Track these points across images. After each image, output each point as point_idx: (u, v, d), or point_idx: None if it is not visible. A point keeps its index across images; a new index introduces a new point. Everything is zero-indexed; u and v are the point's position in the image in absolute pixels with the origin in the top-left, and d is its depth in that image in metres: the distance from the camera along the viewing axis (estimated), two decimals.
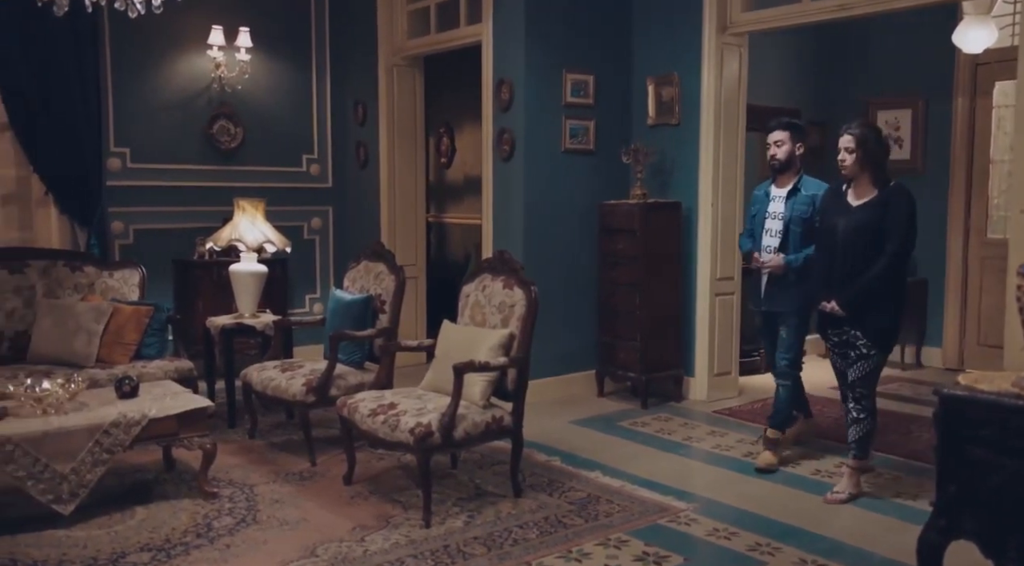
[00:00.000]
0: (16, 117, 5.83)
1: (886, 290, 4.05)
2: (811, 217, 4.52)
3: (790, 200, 4.66)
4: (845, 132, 4.09)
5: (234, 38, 6.54)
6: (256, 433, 5.13)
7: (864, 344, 4.09)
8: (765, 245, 4.73)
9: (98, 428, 3.83)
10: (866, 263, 4.00)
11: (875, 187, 4.06)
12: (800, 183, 4.67)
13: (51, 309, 5.03)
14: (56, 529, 3.73)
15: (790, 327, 4.67)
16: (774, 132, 4.69)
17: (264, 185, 6.82)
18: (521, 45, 5.75)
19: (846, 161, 4.06)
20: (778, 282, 4.66)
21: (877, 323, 4.08)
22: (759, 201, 4.84)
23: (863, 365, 4.12)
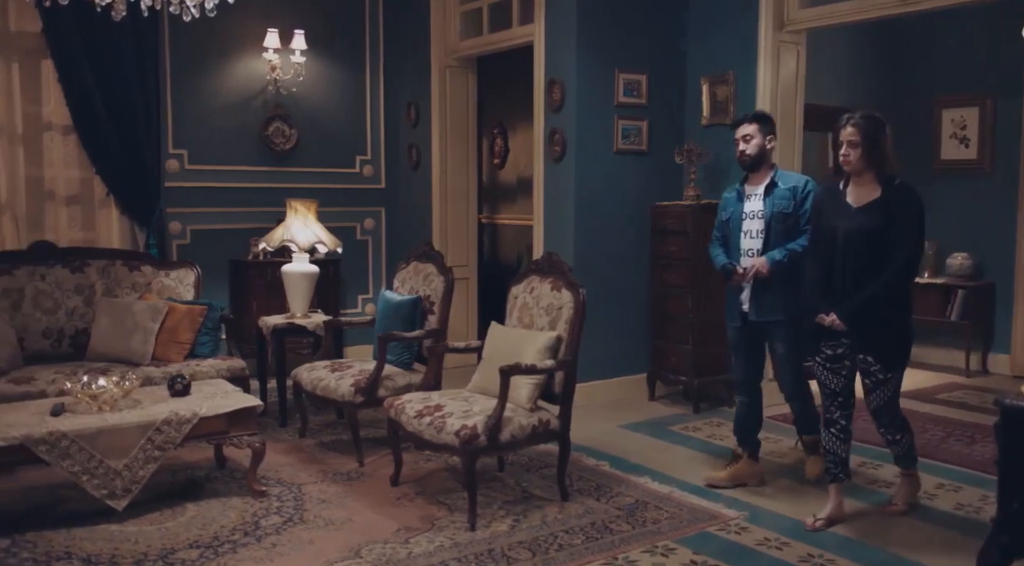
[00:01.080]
0: (80, 120, 5.98)
1: (894, 304, 3.67)
2: (794, 212, 4.17)
3: (769, 196, 4.25)
4: (847, 123, 3.66)
5: (289, 40, 6.61)
6: (306, 432, 5.17)
7: (879, 370, 3.73)
8: (747, 248, 4.28)
9: (150, 425, 3.89)
10: (871, 272, 3.61)
11: (879, 186, 3.66)
12: (776, 177, 4.28)
13: (109, 307, 5.14)
14: (110, 524, 3.80)
15: (788, 341, 4.24)
16: (741, 126, 4.27)
17: (318, 186, 6.88)
18: (572, 45, 5.70)
19: (849, 156, 3.65)
20: (766, 287, 4.19)
21: (890, 345, 3.71)
22: (731, 204, 4.37)
23: (883, 392, 3.77)
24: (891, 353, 3.72)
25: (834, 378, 3.81)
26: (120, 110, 6.05)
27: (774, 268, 4.14)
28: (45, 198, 6.05)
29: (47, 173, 6.04)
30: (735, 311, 4.32)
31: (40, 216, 6.02)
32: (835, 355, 3.78)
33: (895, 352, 3.74)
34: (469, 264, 7.39)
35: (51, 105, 6.01)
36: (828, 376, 3.82)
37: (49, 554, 3.52)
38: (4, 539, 3.66)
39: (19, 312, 5.05)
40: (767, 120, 4.30)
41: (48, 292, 5.16)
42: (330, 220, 6.47)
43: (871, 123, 3.63)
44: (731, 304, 4.37)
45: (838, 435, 3.85)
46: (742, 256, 4.28)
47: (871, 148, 3.61)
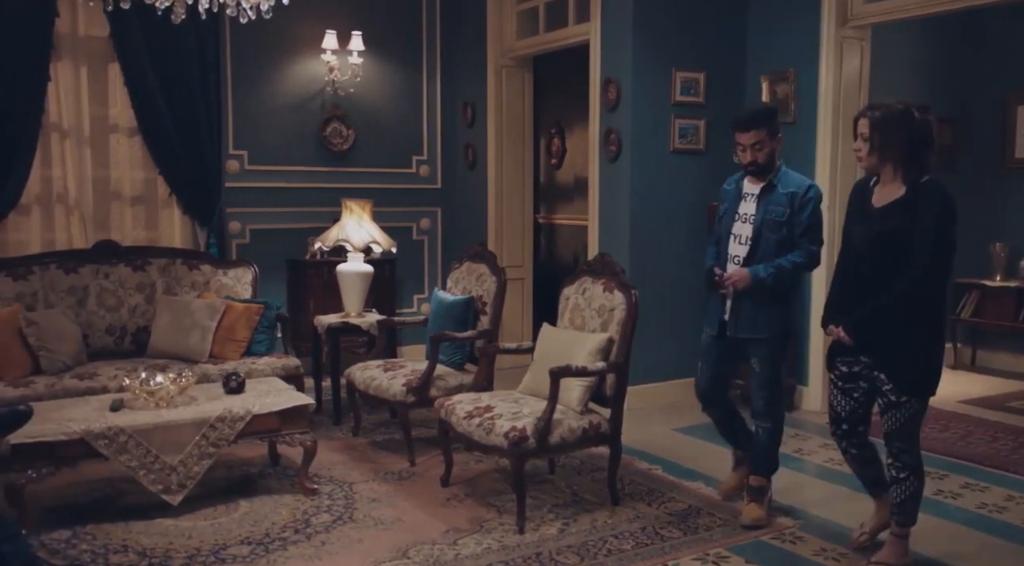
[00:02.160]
0: (145, 122, 6.11)
1: (914, 318, 3.21)
2: (788, 220, 3.71)
3: (764, 199, 3.76)
4: (861, 115, 3.33)
5: (347, 42, 6.67)
6: (359, 431, 5.21)
7: (892, 390, 3.26)
8: (732, 255, 3.81)
9: (204, 422, 3.95)
10: (888, 281, 3.22)
11: (904, 184, 3.25)
12: (777, 178, 3.78)
13: (169, 305, 5.24)
14: (165, 518, 3.87)
15: (763, 358, 3.81)
16: (747, 132, 3.72)
17: (374, 186, 6.92)
18: (628, 43, 5.63)
19: (861, 151, 3.30)
20: (749, 302, 3.75)
21: (906, 364, 3.25)
22: (728, 198, 3.93)
23: (895, 416, 3.29)
24: (906, 374, 3.25)
25: (843, 400, 3.44)
26: (183, 112, 6.17)
27: (755, 286, 3.69)
28: (111, 198, 6.20)
29: (113, 174, 6.19)
30: (714, 318, 3.93)
31: (106, 216, 6.17)
32: (849, 373, 3.41)
33: (912, 374, 3.26)
34: (524, 264, 7.37)
35: (117, 107, 6.15)
36: (838, 397, 3.46)
37: (107, 547, 3.60)
38: (65, 530, 3.75)
39: (84, 309, 5.19)
40: (773, 119, 3.80)
41: (111, 290, 5.29)
42: (386, 220, 6.51)
43: (885, 115, 3.24)
44: (711, 310, 3.97)
45: (856, 461, 3.54)
46: (728, 262, 3.84)
47: (884, 142, 3.23)
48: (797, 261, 3.70)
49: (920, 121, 3.24)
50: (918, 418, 3.32)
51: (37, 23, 5.70)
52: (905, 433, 3.31)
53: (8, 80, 5.61)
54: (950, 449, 4.91)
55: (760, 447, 3.96)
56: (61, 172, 5.98)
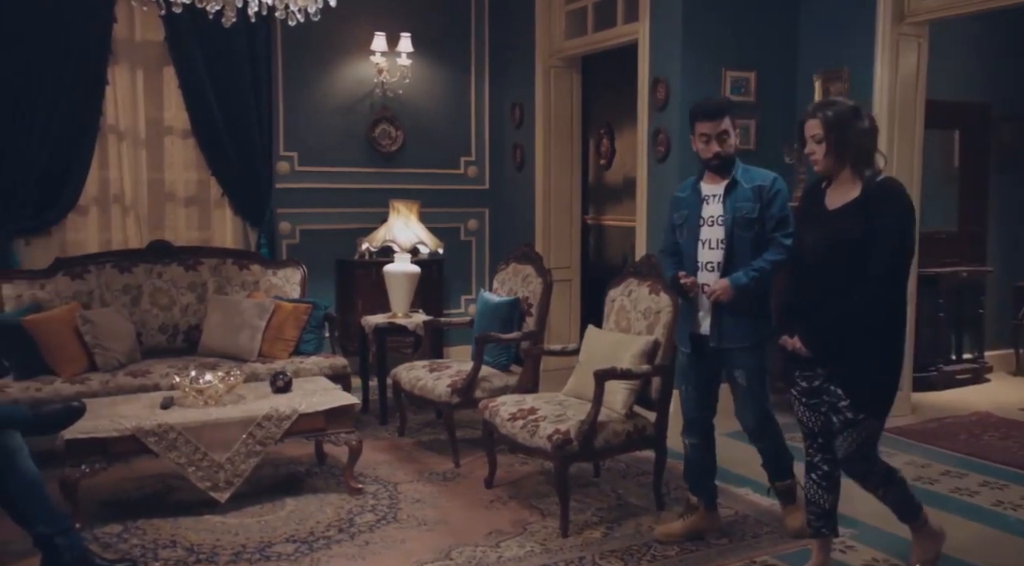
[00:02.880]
0: (198, 124, 6.22)
1: (870, 331, 3.00)
2: (759, 216, 3.49)
3: (729, 197, 3.55)
4: (809, 116, 3.06)
5: (396, 43, 6.70)
6: (405, 431, 5.23)
7: (847, 407, 3.05)
8: (705, 261, 3.59)
9: (251, 421, 4.00)
10: (843, 289, 3.00)
11: (859, 185, 3.03)
12: (739, 174, 3.57)
13: (220, 305, 5.32)
14: (213, 515, 3.93)
15: (751, 370, 3.56)
16: (711, 120, 3.51)
17: (422, 187, 6.95)
18: (678, 42, 5.57)
19: (816, 154, 3.05)
20: (730, 311, 3.51)
21: (863, 378, 3.04)
22: (686, 205, 3.68)
23: (852, 437, 3.07)
24: (863, 389, 3.05)
25: (811, 415, 3.22)
26: (234, 114, 6.26)
27: (738, 295, 3.47)
28: (165, 199, 6.32)
29: (167, 175, 6.31)
30: (686, 333, 3.67)
31: (160, 216, 6.29)
32: (811, 388, 3.18)
33: (868, 389, 3.05)
34: (572, 266, 7.34)
35: (172, 110, 6.27)
36: (805, 413, 3.24)
37: (156, 542, 3.66)
38: (117, 525, 3.83)
39: (138, 308, 5.29)
40: (733, 110, 3.65)
41: (164, 289, 5.39)
42: (434, 220, 6.54)
43: (838, 112, 3.02)
44: (683, 324, 3.71)
45: (819, 482, 3.26)
46: (701, 270, 3.60)
47: (840, 141, 3.00)
48: (775, 259, 3.47)
49: (868, 117, 3.08)
50: (874, 438, 3.12)
51: (96, 29, 5.83)
52: (861, 456, 3.12)
53: (68, 84, 5.75)
54: (1011, 459, 4.75)
55: (768, 456, 3.79)
56: (118, 173, 6.12)
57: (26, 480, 3.18)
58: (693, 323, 3.63)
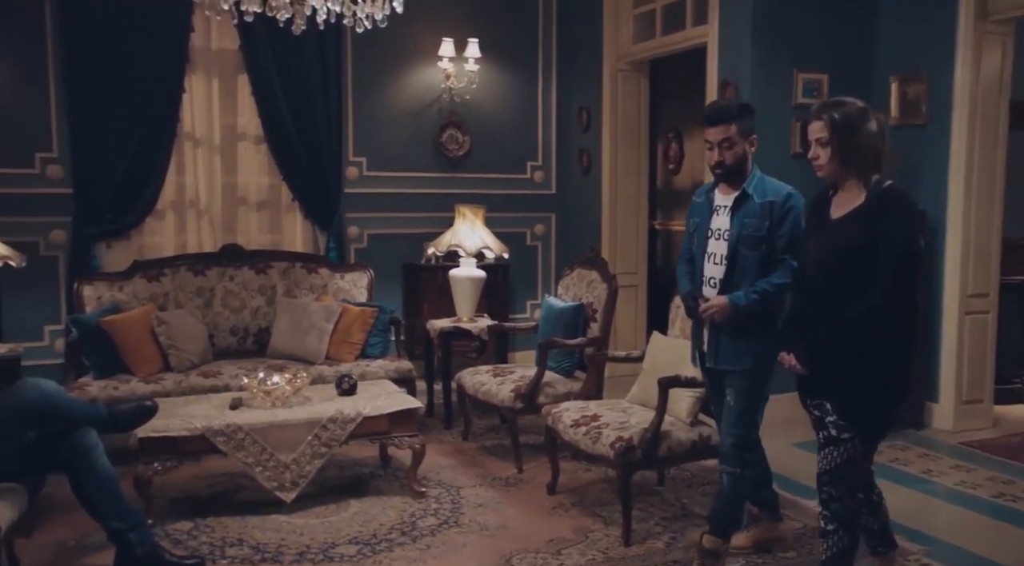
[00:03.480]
0: (270, 131, 6.35)
1: (870, 346, 2.78)
2: (768, 235, 3.21)
3: (738, 211, 3.27)
4: (814, 117, 2.85)
5: (463, 49, 6.74)
6: (469, 436, 5.24)
7: (834, 423, 2.83)
8: (709, 276, 3.33)
9: (317, 423, 4.05)
10: (844, 303, 2.79)
11: (864, 192, 2.82)
12: (752, 186, 3.28)
13: (289, 308, 5.42)
14: (279, 515, 3.99)
15: (739, 391, 3.30)
16: (715, 126, 3.24)
17: (489, 192, 6.97)
18: (747, 44, 5.47)
19: (820, 158, 2.83)
20: (726, 330, 3.28)
21: (854, 395, 2.81)
22: (698, 212, 3.43)
23: (832, 453, 2.85)
24: (853, 404, 2.82)
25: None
26: (305, 120, 6.38)
27: (735, 316, 3.22)
28: (238, 203, 6.47)
29: (240, 180, 6.46)
30: (695, 350, 3.49)
31: (233, 220, 6.44)
32: (823, 419, 2.93)
33: (859, 405, 2.82)
34: (638, 271, 7.27)
35: (245, 117, 6.41)
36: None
37: (224, 540, 3.74)
38: (188, 522, 3.92)
39: (210, 310, 5.42)
40: (747, 115, 3.30)
41: (236, 292, 5.51)
42: (501, 225, 6.56)
43: (845, 114, 2.79)
44: (694, 340, 3.48)
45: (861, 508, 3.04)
46: (704, 285, 3.36)
47: (846, 145, 2.77)
48: (781, 282, 3.18)
49: (878, 119, 2.85)
50: (859, 463, 2.87)
51: (174, 38, 6.01)
52: (839, 477, 2.86)
53: (148, 93, 5.94)
54: None
55: (721, 498, 3.41)
56: (193, 179, 6.28)
57: (101, 477, 3.27)
58: (699, 340, 3.42)
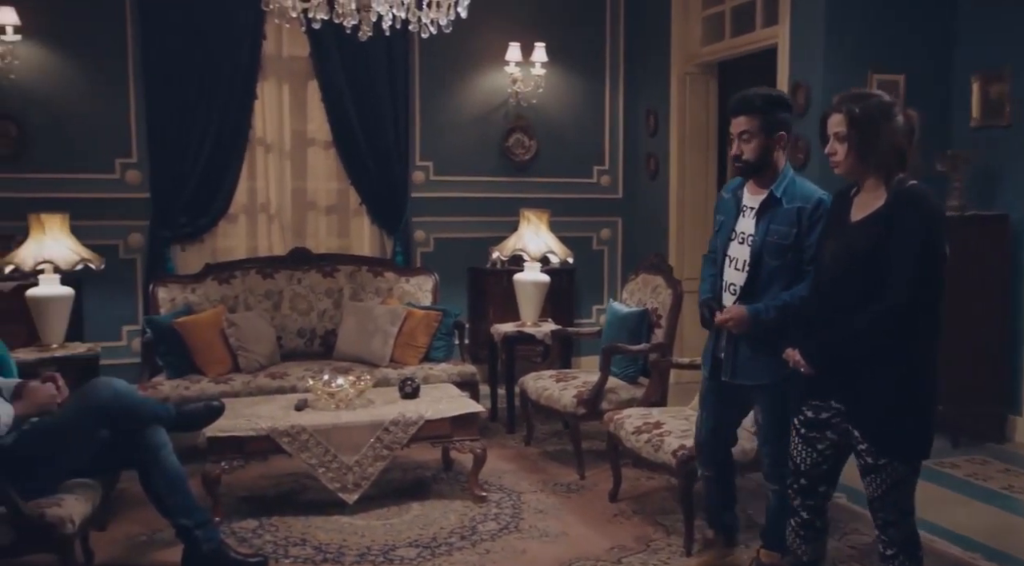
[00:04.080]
0: (339, 136, 6.45)
1: (888, 359, 2.59)
2: (795, 243, 2.99)
3: (765, 216, 3.06)
4: (834, 109, 2.65)
5: (530, 53, 6.74)
6: (532, 440, 5.22)
7: (866, 451, 2.63)
8: (729, 282, 3.15)
9: (379, 425, 4.09)
10: (857, 311, 2.62)
11: (886, 193, 2.62)
12: (782, 188, 3.05)
13: (355, 311, 5.49)
14: (342, 515, 4.03)
15: (765, 408, 3.14)
16: (735, 118, 3.06)
17: (555, 196, 6.95)
18: (820, 45, 5.35)
19: (837, 154, 2.65)
20: (748, 343, 3.08)
21: (886, 420, 2.60)
22: (725, 209, 3.23)
23: (876, 481, 2.64)
24: (886, 432, 2.61)
25: (805, 450, 2.81)
26: (373, 125, 6.46)
27: (755, 329, 3.02)
28: (307, 208, 6.59)
29: (310, 185, 6.58)
30: (708, 356, 3.29)
31: (303, 224, 6.56)
32: (815, 420, 2.77)
33: (893, 432, 2.61)
34: None
35: (315, 122, 6.53)
36: (799, 445, 2.82)
37: (288, 539, 3.79)
38: (253, 520, 3.99)
39: (279, 312, 5.52)
40: (774, 108, 3.05)
41: (303, 295, 5.61)
42: (566, 229, 6.54)
43: (867, 108, 2.59)
44: (706, 346, 3.32)
45: (797, 530, 2.88)
46: (723, 291, 3.17)
47: (865, 141, 2.59)
48: (806, 295, 2.95)
49: (904, 114, 2.64)
50: (908, 484, 2.67)
51: (247, 46, 6.15)
52: (890, 502, 2.66)
53: (222, 100, 6.10)
54: None
55: (771, 514, 3.27)
56: (264, 183, 6.42)
57: (170, 475, 3.34)
58: (716, 346, 3.23)
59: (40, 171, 5.93)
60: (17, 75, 5.82)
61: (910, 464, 2.66)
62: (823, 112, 2.73)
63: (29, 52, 5.85)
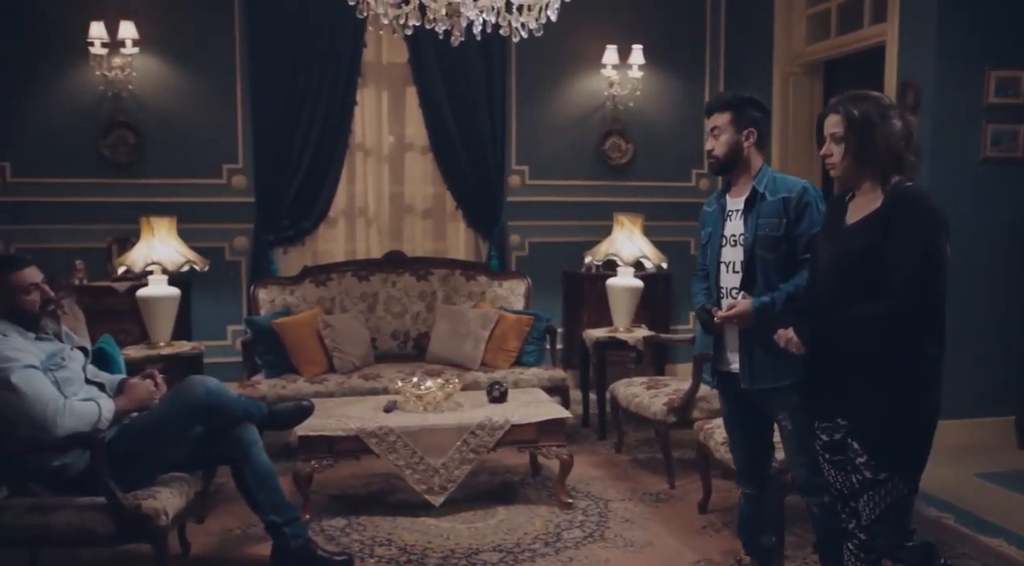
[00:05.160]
0: (436, 141, 6.52)
1: (886, 368, 2.50)
2: (786, 234, 2.94)
3: (751, 212, 3.01)
4: (831, 110, 2.60)
5: (627, 56, 6.67)
6: (622, 448, 5.15)
7: (865, 464, 2.54)
8: (728, 287, 3.07)
9: (466, 429, 4.10)
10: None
11: (882, 195, 2.54)
12: (763, 184, 3.01)
13: (447, 314, 5.53)
14: (428, 517, 4.06)
15: (793, 413, 2.95)
16: (710, 116, 3.09)
17: (651, 200, 6.84)
18: (932, 41, 5.08)
19: (833, 156, 2.59)
20: (763, 345, 2.92)
21: (882, 428, 2.51)
22: (711, 221, 3.19)
23: (874, 499, 2.55)
24: (883, 442, 2.53)
25: (839, 475, 2.70)
26: (470, 130, 6.51)
27: (760, 320, 2.92)
28: (404, 212, 6.69)
29: (407, 189, 6.68)
30: (715, 367, 3.20)
31: (399, 228, 6.67)
32: (832, 442, 2.67)
33: (888, 442, 2.52)
34: None
35: (412, 127, 6.63)
36: (831, 471, 2.72)
37: (374, 539, 3.84)
38: (342, 519, 4.07)
39: (373, 314, 5.62)
40: (746, 106, 3.05)
41: (397, 297, 5.69)
42: (664, 234, 6.43)
43: (865, 110, 2.53)
44: (715, 356, 3.20)
45: (856, 553, 2.72)
46: (723, 298, 3.09)
47: (863, 143, 2.53)
48: (806, 282, 2.88)
49: (904, 119, 2.56)
50: (906, 503, 2.58)
51: (348, 54, 6.29)
52: (890, 523, 2.57)
53: (323, 107, 6.26)
54: None
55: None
56: (363, 188, 6.56)
57: (260, 472, 3.44)
58: (720, 360, 3.15)
59: (154, 177, 6.22)
60: (135, 86, 6.12)
61: (910, 479, 2.57)
62: (819, 114, 2.69)
63: (146, 64, 6.14)
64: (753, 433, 3.16)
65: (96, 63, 5.94)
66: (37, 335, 3.20)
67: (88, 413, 3.06)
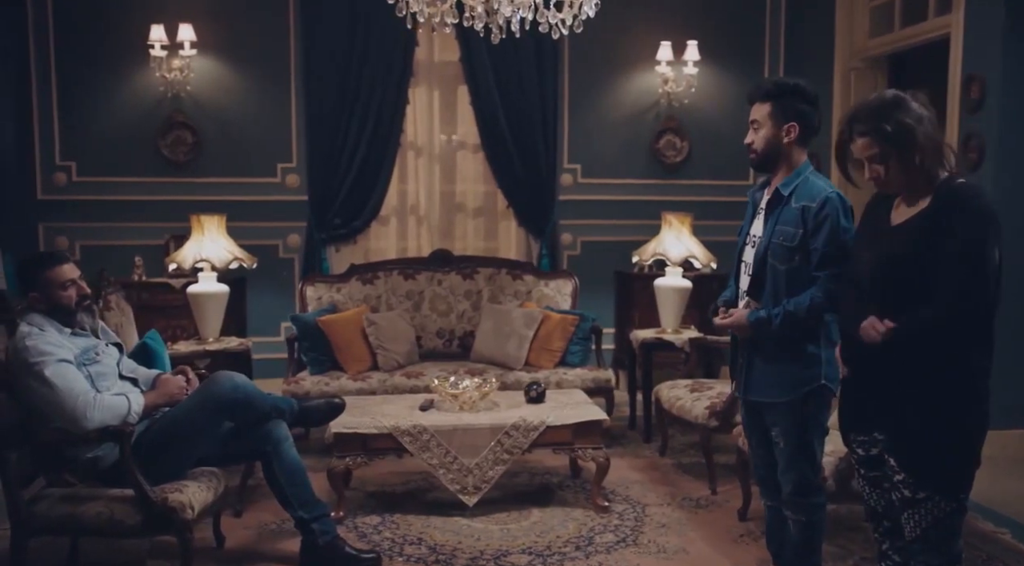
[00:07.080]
0: (487, 139, 6.51)
1: (935, 380, 2.36)
2: (800, 245, 2.75)
3: (772, 215, 2.84)
4: (858, 134, 2.41)
5: (682, 52, 6.54)
6: (666, 451, 5.05)
7: (903, 482, 2.42)
8: (742, 288, 2.95)
9: (500, 429, 4.07)
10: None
11: (931, 193, 2.40)
12: (791, 186, 2.82)
13: (492, 313, 5.50)
14: (461, 517, 4.04)
15: (784, 429, 2.85)
16: (751, 106, 2.89)
17: (704, 199, 6.70)
18: (999, 32, 4.84)
19: (879, 176, 2.42)
20: (763, 355, 2.85)
21: (922, 444, 2.38)
22: (747, 213, 3.03)
23: (915, 518, 2.42)
24: (922, 460, 2.40)
25: (872, 491, 2.60)
26: (522, 128, 6.47)
27: (757, 335, 2.81)
28: (455, 210, 6.70)
29: (458, 188, 6.69)
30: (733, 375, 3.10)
31: (450, 226, 6.68)
32: (868, 457, 2.56)
33: (928, 460, 2.39)
34: None
35: (464, 126, 6.63)
36: (865, 487, 2.63)
37: (405, 537, 3.84)
38: (376, 516, 4.08)
39: (419, 313, 5.63)
40: (788, 96, 2.84)
41: (443, 296, 5.69)
42: (712, 234, 6.27)
43: (895, 119, 2.36)
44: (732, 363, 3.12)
45: None
46: (740, 299, 2.96)
47: (909, 153, 2.36)
48: (811, 303, 2.73)
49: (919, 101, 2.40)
50: (951, 523, 2.42)
51: (399, 52, 6.32)
52: (932, 545, 2.42)
53: (375, 106, 6.31)
54: None
55: (792, 547, 2.98)
56: (414, 186, 6.59)
57: (290, 468, 3.47)
58: (736, 365, 3.05)
59: (210, 175, 6.35)
60: (193, 87, 6.26)
61: (953, 499, 2.41)
62: (837, 138, 2.54)
63: (203, 66, 6.28)
64: (768, 441, 3.02)
65: (156, 65, 6.10)
66: (73, 330, 3.28)
67: (118, 407, 3.13)
